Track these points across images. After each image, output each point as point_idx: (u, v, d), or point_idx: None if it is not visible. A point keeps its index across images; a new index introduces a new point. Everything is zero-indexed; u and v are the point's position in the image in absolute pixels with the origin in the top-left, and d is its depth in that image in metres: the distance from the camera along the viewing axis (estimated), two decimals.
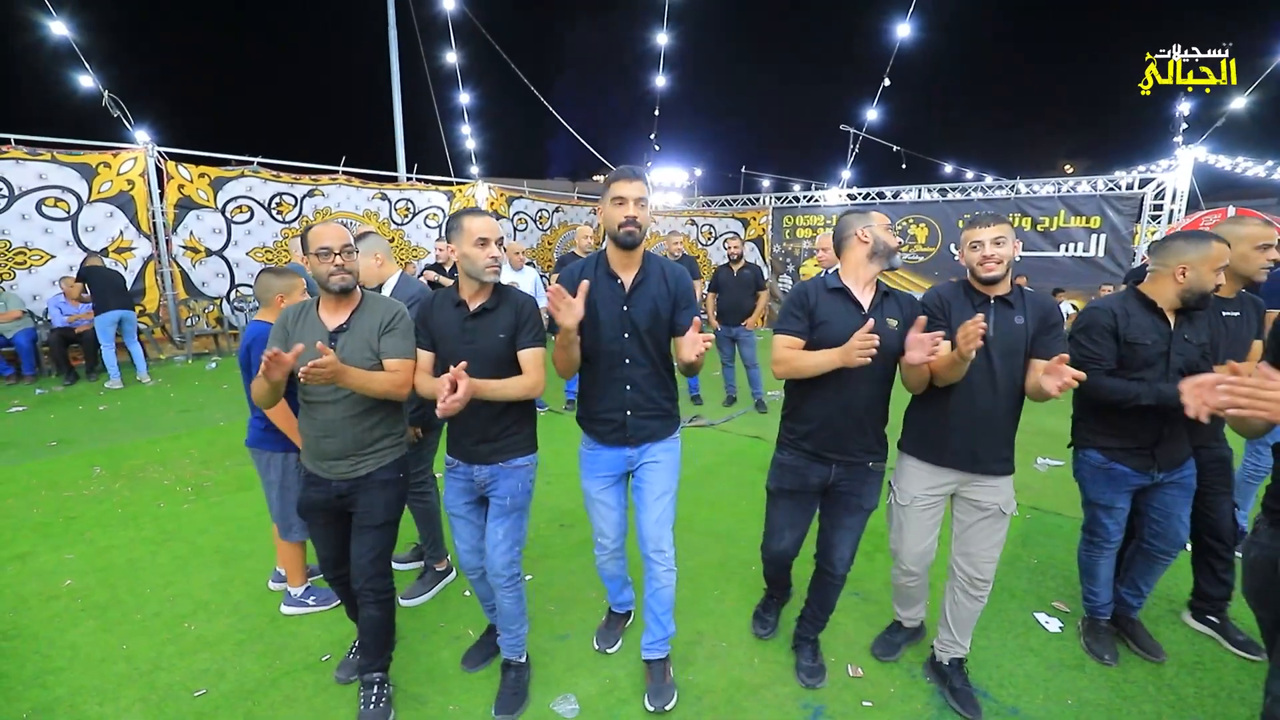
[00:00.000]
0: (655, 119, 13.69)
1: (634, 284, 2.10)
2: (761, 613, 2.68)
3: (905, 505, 2.26)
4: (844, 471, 2.18)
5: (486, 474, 2.12)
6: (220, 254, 8.84)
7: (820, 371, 2.03)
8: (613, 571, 2.48)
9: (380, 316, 2.09)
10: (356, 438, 2.06)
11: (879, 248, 2.12)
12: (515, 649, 2.25)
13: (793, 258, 12.55)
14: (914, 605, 2.49)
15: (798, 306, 2.15)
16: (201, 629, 2.63)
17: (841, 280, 2.16)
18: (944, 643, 2.32)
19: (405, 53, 11.75)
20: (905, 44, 10.76)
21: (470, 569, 2.27)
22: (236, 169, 8.93)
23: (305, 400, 2.08)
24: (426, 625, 2.66)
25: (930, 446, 2.20)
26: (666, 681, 2.24)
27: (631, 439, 2.16)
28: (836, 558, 2.27)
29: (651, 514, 2.19)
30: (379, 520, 2.10)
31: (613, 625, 2.62)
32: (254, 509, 3.81)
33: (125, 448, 4.94)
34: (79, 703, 2.18)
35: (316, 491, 2.11)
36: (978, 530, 2.19)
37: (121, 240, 7.93)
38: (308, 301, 2.13)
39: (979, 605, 2.23)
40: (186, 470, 4.48)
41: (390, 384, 2.02)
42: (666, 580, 2.23)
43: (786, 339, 2.14)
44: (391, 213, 10.57)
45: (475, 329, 2.06)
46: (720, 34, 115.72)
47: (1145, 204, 9.02)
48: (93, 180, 7.63)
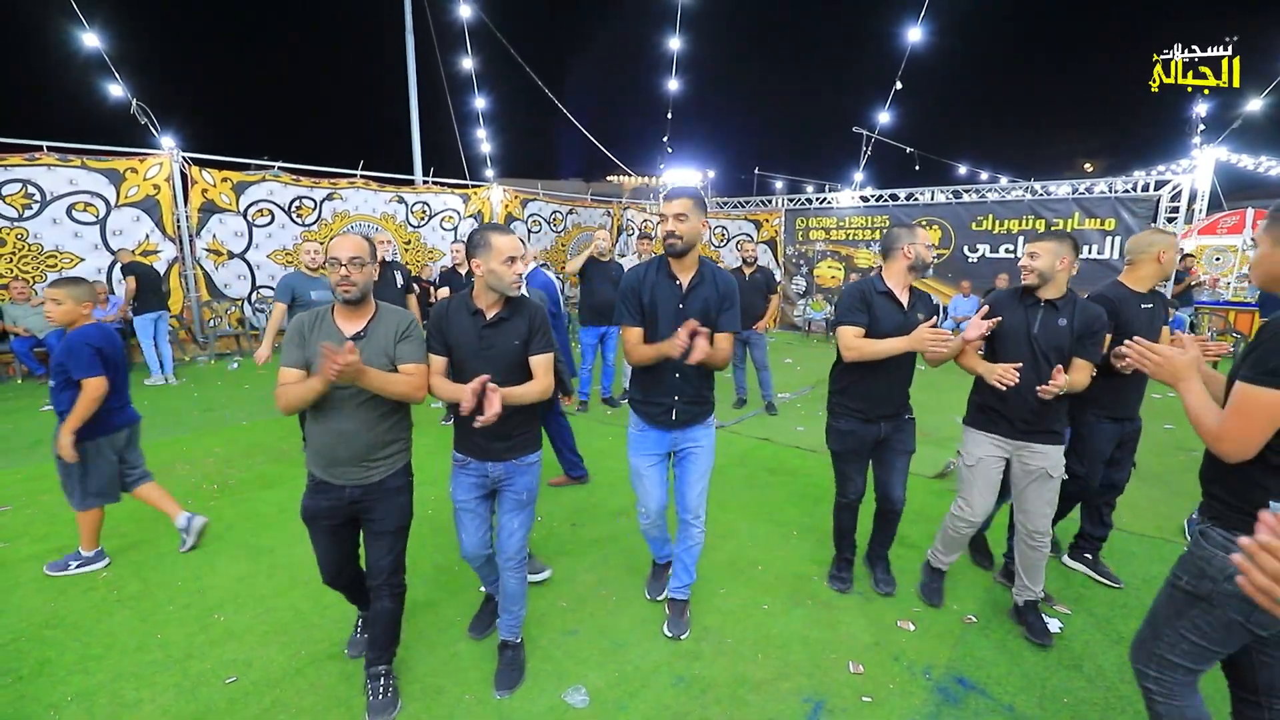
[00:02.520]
0: (668, 121, 13.79)
1: (690, 285, 2.43)
2: (836, 573, 3.10)
3: (972, 465, 2.72)
4: (891, 427, 2.80)
5: (501, 470, 2.27)
6: (242, 256, 9.06)
7: (888, 355, 2.60)
8: (654, 535, 2.86)
9: (396, 325, 2.17)
10: (369, 443, 2.12)
11: (918, 263, 2.69)
12: (513, 629, 2.41)
13: (805, 259, 12.57)
14: (956, 552, 2.92)
15: (860, 303, 2.69)
16: (230, 620, 2.76)
17: (886, 284, 2.72)
18: (1019, 589, 2.75)
19: (422, 58, 11.95)
20: (921, 46, 10.77)
21: (473, 559, 2.43)
22: (258, 173, 9.15)
23: (318, 408, 2.09)
24: (443, 620, 2.77)
25: (989, 420, 2.68)
26: (684, 618, 2.70)
27: (677, 423, 2.51)
28: (895, 495, 2.88)
29: (694, 489, 2.60)
30: (393, 526, 2.21)
31: (658, 575, 3.00)
32: (276, 505, 3.96)
33: (153, 446, 5.08)
34: (119, 688, 2.31)
35: (325, 498, 2.15)
36: (1030, 490, 2.64)
37: (147, 243, 8.16)
38: (323, 308, 2.19)
39: (1040, 555, 2.66)
40: (211, 468, 4.64)
41: (409, 386, 2.10)
42: (698, 540, 2.67)
43: (854, 329, 2.69)
44: (408, 215, 10.75)
45: (492, 336, 2.19)
46: (735, 36, 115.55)
47: (1161, 206, 8.95)
48: (120, 185, 7.87)
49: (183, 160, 8.35)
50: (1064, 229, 9.56)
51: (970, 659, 2.54)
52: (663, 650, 2.58)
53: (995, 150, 75.82)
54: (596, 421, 5.87)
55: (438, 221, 11.17)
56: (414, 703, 2.27)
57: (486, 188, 11.87)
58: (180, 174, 8.38)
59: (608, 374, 6.39)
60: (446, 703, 2.27)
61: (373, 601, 2.25)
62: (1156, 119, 18.60)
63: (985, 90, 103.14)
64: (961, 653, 2.58)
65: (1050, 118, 79.73)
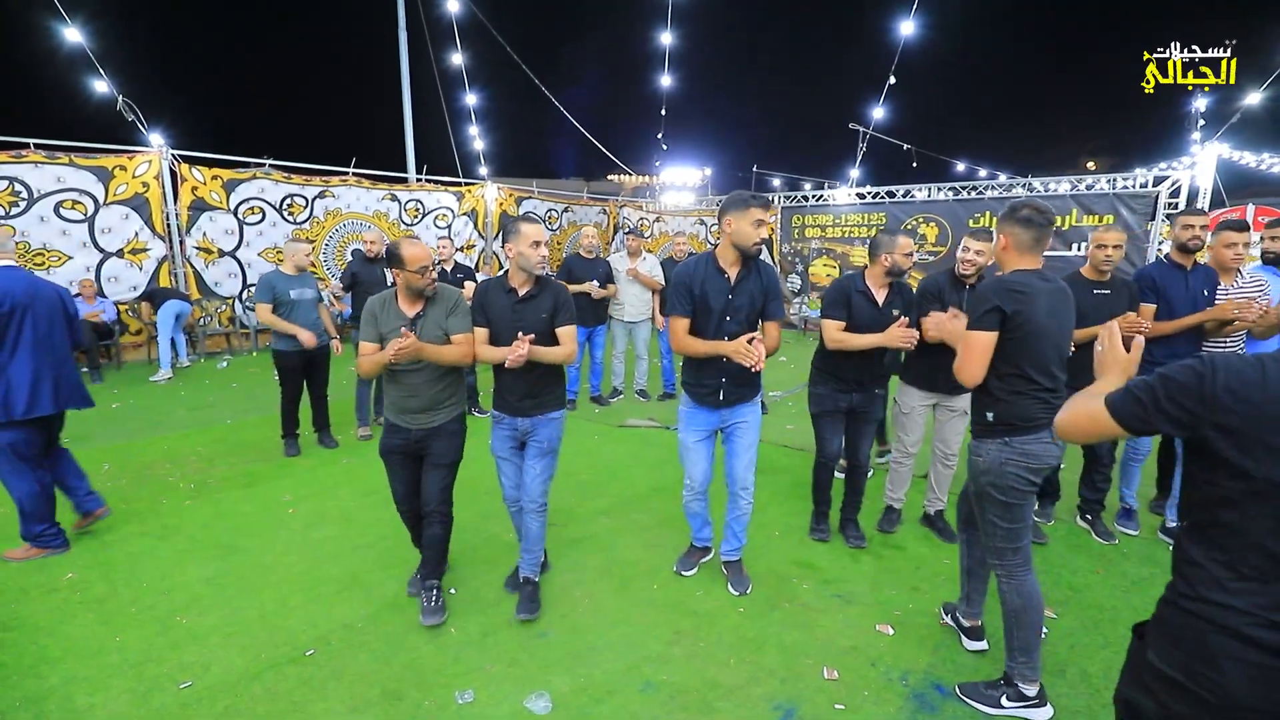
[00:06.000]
0: (663, 118, 13.71)
1: (738, 278, 2.69)
2: (816, 525, 3.53)
3: (907, 413, 3.48)
4: (861, 398, 3.26)
5: (528, 424, 2.71)
6: (233, 254, 8.99)
7: (865, 348, 3.08)
8: (696, 510, 3.09)
9: (446, 303, 2.70)
10: (432, 397, 2.69)
11: (894, 270, 3.14)
12: (532, 568, 2.81)
13: (801, 257, 12.48)
14: (902, 487, 3.61)
15: (842, 300, 3.16)
16: (193, 622, 2.69)
17: (865, 283, 3.18)
18: (931, 500, 3.61)
19: (414, 54, 11.88)
20: (918, 42, 10.66)
21: (511, 501, 2.85)
22: (249, 171, 9.08)
23: (392, 369, 2.64)
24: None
25: (922, 378, 3.40)
26: (744, 575, 3.03)
27: (725, 402, 2.78)
28: (861, 454, 3.40)
29: (742, 461, 2.87)
30: (448, 460, 2.74)
31: (692, 556, 3.19)
32: (256, 505, 3.90)
33: (136, 445, 5.06)
34: (71, 692, 2.25)
35: (397, 438, 2.73)
36: (948, 426, 3.45)
37: (137, 241, 8.10)
38: (388, 293, 2.73)
39: (950, 470, 3.51)
40: (192, 467, 4.58)
41: (459, 354, 2.64)
42: (746, 509, 2.96)
43: (836, 323, 3.17)
44: (401, 213, 10.68)
45: (523, 311, 2.62)
46: (735, 33, 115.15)
47: (1160, 202, 8.85)
48: (109, 183, 7.81)
49: (172, 158, 8.29)
50: (1061, 226, 9.48)
51: (949, 664, 2.46)
52: (634, 653, 2.51)
53: (995, 149, 75.48)
54: (585, 420, 5.81)
55: (431, 219, 11.10)
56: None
57: (480, 185, 11.80)
58: (170, 171, 8.31)
59: (596, 372, 6.33)
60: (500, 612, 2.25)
61: (425, 529, 2.74)
62: (1157, 118, 18.40)
63: (985, 89, 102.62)
64: (941, 658, 2.50)
65: (1051, 117, 79.24)
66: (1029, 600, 2.15)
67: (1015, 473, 2.10)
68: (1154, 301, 3.31)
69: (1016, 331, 2.07)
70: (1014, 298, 2.07)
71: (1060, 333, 2.13)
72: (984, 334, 2.09)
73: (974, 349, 2.11)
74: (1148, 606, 1.28)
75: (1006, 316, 2.06)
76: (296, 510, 3.82)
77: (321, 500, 3.98)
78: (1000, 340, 2.09)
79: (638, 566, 3.19)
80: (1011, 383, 2.11)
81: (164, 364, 7.42)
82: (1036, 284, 2.11)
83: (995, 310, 2.07)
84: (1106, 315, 3.15)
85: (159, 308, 7.52)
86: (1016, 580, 2.17)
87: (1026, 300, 2.06)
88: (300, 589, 2.95)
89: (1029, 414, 2.09)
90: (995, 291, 2.09)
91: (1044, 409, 2.10)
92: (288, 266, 4.75)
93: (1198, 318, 3.18)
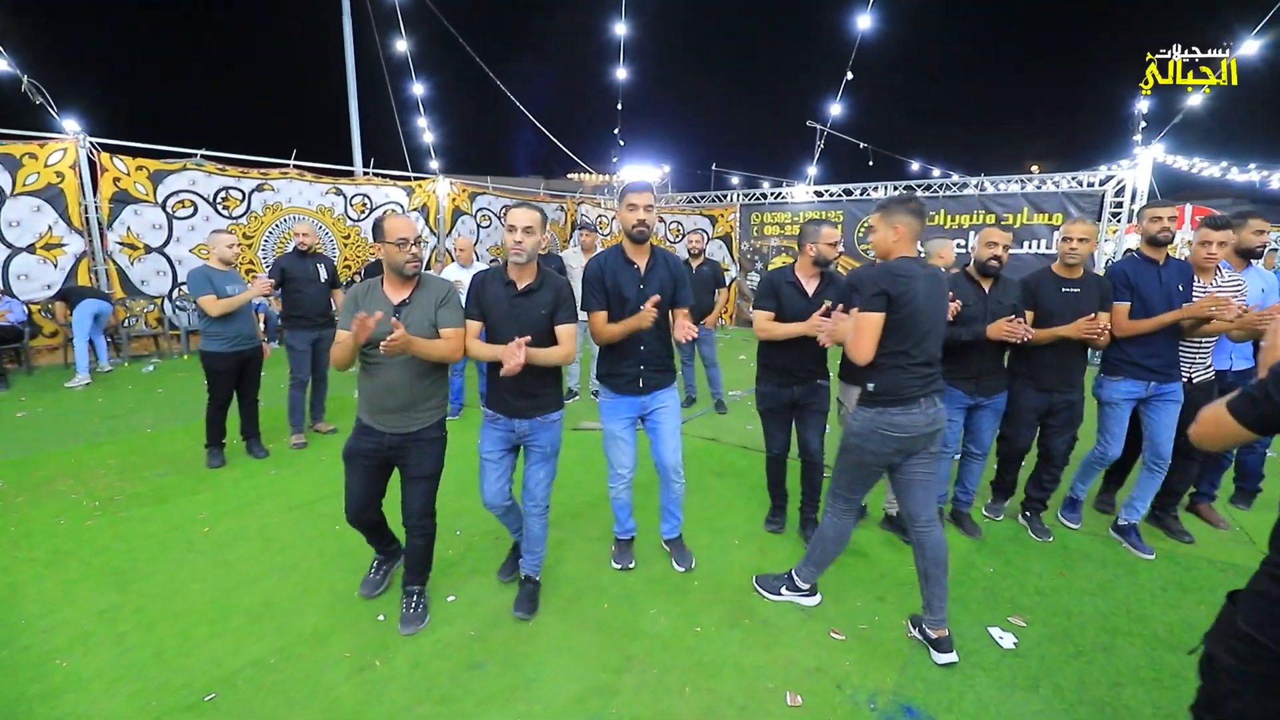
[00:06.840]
0: (619, 114, 13.46)
1: (648, 268, 2.75)
2: (771, 518, 3.58)
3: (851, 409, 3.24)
4: (804, 390, 3.24)
5: (526, 426, 2.57)
6: (161, 251, 8.39)
7: (790, 337, 3.06)
8: (625, 500, 3.04)
9: (436, 293, 2.47)
10: (413, 395, 2.43)
11: (819, 259, 3.16)
12: (534, 567, 2.74)
13: (760, 255, 12.42)
14: None
15: (769, 291, 3.20)
16: (75, 665, 2.34)
17: (795, 274, 3.21)
18: (890, 502, 3.53)
19: (361, 41, 11.36)
20: (874, 38, 10.68)
21: (492, 506, 2.70)
22: (178, 162, 8.48)
23: (368, 362, 2.43)
24: None
25: (859, 372, 3.05)
26: (685, 551, 3.13)
27: (644, 389, 2.82)
28: (812, 448, 3.32)
29: (669, 446, 2.90)
30: (428, 472, 2.52)
31: (623, 550, 3.13)
32: (165, 524, 3.52)
33: (36, 459, 4.58)
34: None
35: (368, 441, 2.47)
36: None
37: (50, 236, 7.46)
38: (373, 280, 2.49)
39: None
40: (99, 482, 4.15)
41: (448, 349, 2.42)
42: (678, 490, 3.02)
43: (765, 314, 3.19)
44: (347, 208, 10.19)
45: (521, 305, 2.48)
46: (691, 31, 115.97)
47: (1106, 201, 9.05)
48: (17, 172, 7.16)
49: (90, 145, 7.68)
50: (1012, 224, 9.62)
51: (919, 682, 2.30)
52: (579, 684, 2.27)
53: (947, 151, 77.74)
54: None
55: (379, 215, 10.63)
56: None
57: (432, 180, 11.36)
58: (89, 161, 7.70)
59: None
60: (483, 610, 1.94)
61: (407, 540, 2.58)
62: (1103, 121, 19.14)
63: (940, 92, 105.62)
64: (910, 675, 2.34)
65: (1002, 121, 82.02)
66: (841, 536, 2.62)
67: (881, 438, 2.37)
68: (1128, 299, 3.18)
69: (900, 312, 2.28)
70: (899, 282, 2.27)
71: (935, 314, 2.36)
72: (873, 315, 2.29)
73: (864, 329, 2.31)
74: (1115, 611, 1.18)
75: (892, 299, 2.26)
76: (211, 529, 3.46)
77: (240, 517, 3.62)
78: (886, 321, 2.29)
79: (584, 583, 2.95)
80: (894, 358, 2.33)
81: (81, 368, 6.82)
82: (917, 269, 2.31)
83: (882, 294, 2.27)
84: (1075, 314, 3.14)
85: (75, 307, 6.92)
86: (840, 520, 2.60)
87: (909, 284, 2.27)
88: (205, 621, 2.62)
89: (904, 387, 2.33)
90: (882, 276, 2.29)
91: (919, 383, 2.34)
92: (214, 260, 4.38)
93: (1174, 315, 3.04)
